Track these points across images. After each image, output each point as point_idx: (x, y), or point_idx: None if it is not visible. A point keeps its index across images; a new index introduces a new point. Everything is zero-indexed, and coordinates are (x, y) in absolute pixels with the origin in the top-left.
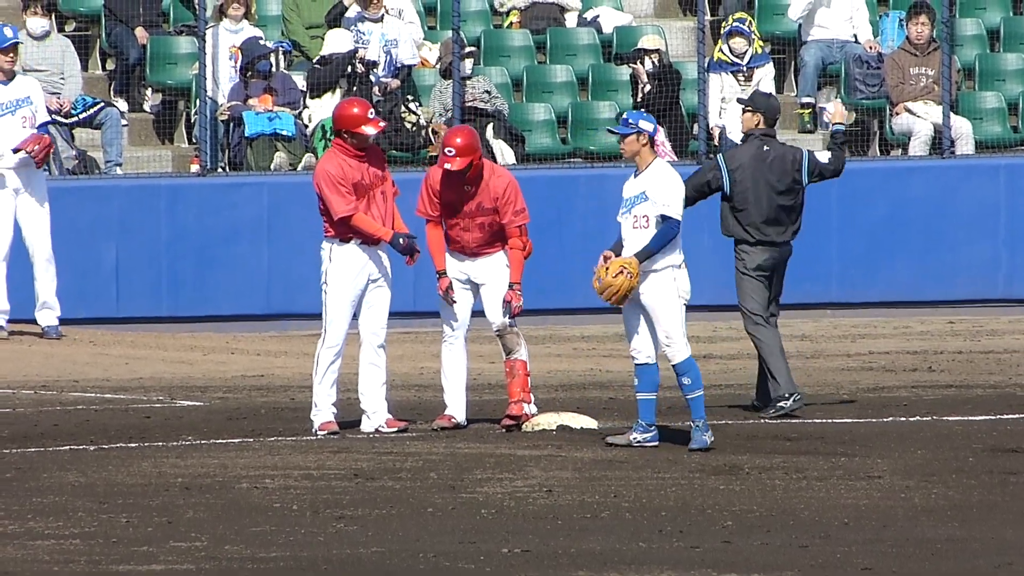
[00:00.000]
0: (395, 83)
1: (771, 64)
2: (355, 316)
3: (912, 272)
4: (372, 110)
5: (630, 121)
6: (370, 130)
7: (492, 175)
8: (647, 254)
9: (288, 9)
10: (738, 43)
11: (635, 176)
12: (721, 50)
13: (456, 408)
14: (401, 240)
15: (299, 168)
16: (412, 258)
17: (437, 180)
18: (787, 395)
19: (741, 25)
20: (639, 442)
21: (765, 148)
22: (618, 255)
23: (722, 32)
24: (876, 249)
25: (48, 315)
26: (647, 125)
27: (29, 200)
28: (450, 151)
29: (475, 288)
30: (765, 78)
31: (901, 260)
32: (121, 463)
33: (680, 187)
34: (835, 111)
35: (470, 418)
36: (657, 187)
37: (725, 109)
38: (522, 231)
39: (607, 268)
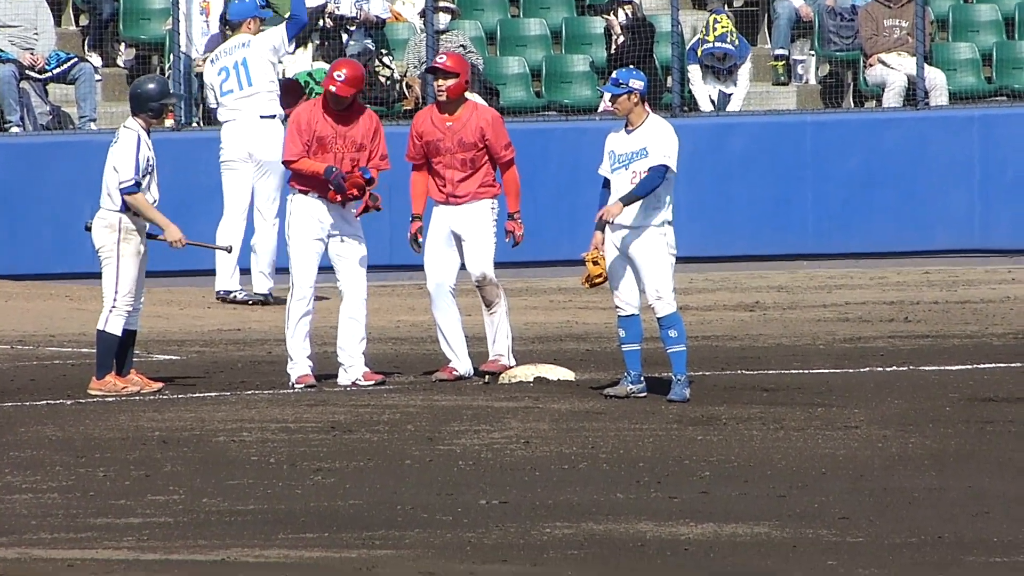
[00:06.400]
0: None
1: (749, 55)
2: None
3: (888, 223)
4: (343, 74)
5: (621, 81)
6: (326, 83)
7: (475, 111)
8: (632, 199)
9: None
10: (719, 58)
11: (627, 132)
12: (704, 47)
13: (459, 360)
14: (333, 172)
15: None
16: (362, 199)
17: (419, 122)
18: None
19: (723, 44)
20: (634, 392)
21: None
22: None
23: (706, 36)
24: (851, 200)
25: None
26: (638, 83)
27: None
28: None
29: (459, 242)
30: (743, 70)
31: (876, 211)
32: (98, 417)
33: (676, 141)
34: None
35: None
36: (658, 141)
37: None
38: (512, 164)
39: (595, 263)
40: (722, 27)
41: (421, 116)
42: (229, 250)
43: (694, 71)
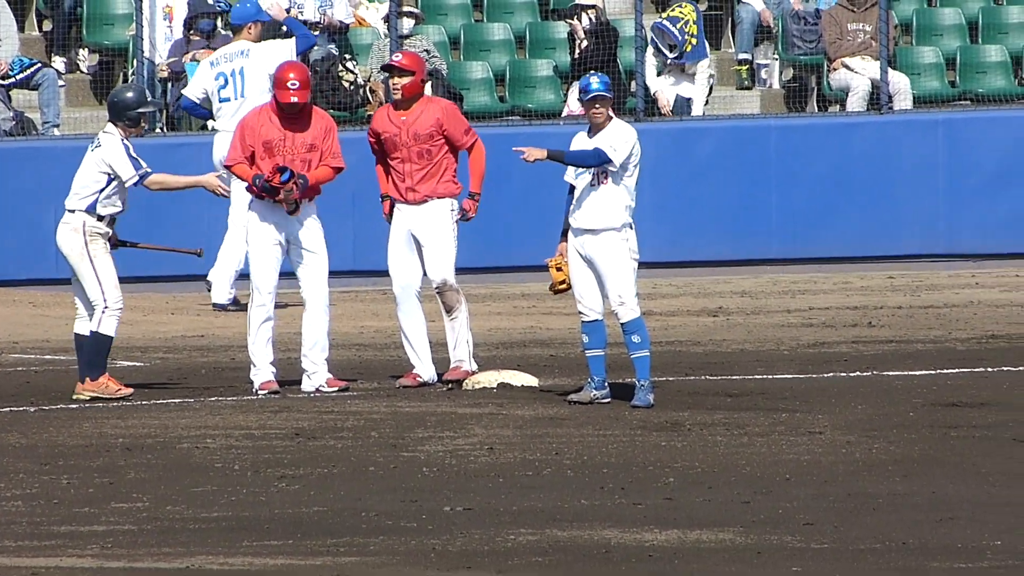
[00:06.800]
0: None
1: (707, 59)
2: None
3: (852, 228)
4: (296, 81)
5: (607, 83)
6: (281, 97)
7: (429, 103)
8: (559, 155)
9: None
10: (667, 41)
11: (589, 135)
12: (660, 23)
13: (423, 367)
14: (257, 181)
15: None
16: (284, 201)
17: (375, 122)
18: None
19: (671, 26)
20: (598, 398)
21: None
22: (566, 226)
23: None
24: (816, 205)
25: None
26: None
27: None
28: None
29: (419, 246)
30: (700, 74)
31: (841, 216)
32: (62, 424)
33: (631, 141)
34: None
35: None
36: (611, 137)
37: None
38: (476, 145)
39: (558, 269)
40: (679, 12)
41: (378, 115)
42: (199, 254)
43: (649, 56)
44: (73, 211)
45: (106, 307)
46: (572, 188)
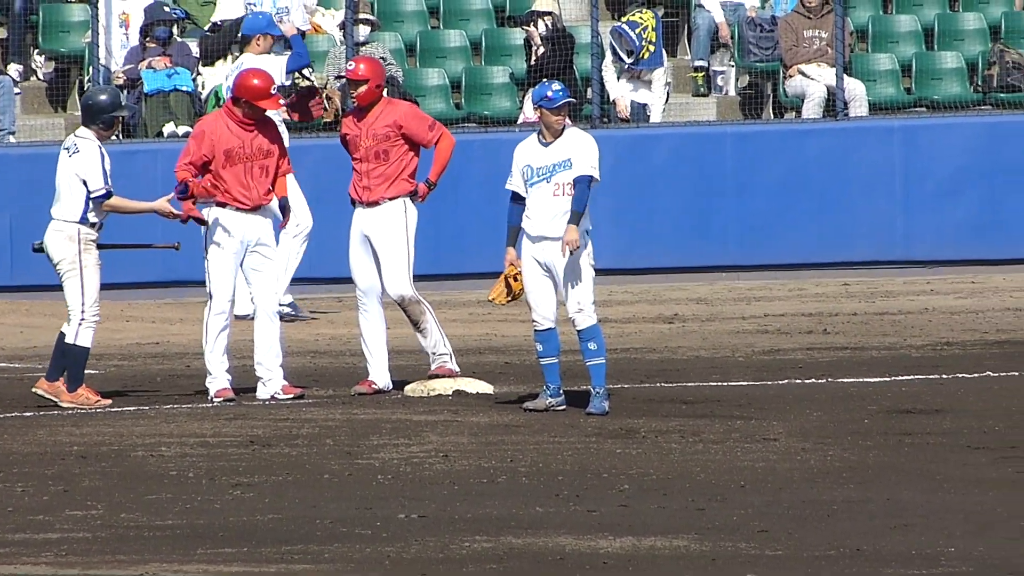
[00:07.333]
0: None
1: (662, 68)
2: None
3: (808, 234)
4: (274, 86)
5: (564, 91)
6: (268, 106)
7: (387, 105)
8: (577, 217)
9: None
10: (625, 47)
11: (544, 144)
12: (619, 27)
13: (378, 374)
14: (182, 187)
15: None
16: (196, 213)
17: (343, 126)
18: None
19: (629, 31)
20: (554, 406)
21: None
22: (515, 235)
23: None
24: (772, 211)
25: None
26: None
27: None
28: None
29: (375, 252)
30: (657, 81)
31: (797, 222)
32: (17, 432)
33: (597, 152)
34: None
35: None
36: (582, 152)
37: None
38: (443, 137)
39: (515, 279)
40: (638, 17)
41: (345, 119)
42: (176, 247)
43: (608, 63)
44: (66, 220)
45: (83, 319)
46: (514, 195)
